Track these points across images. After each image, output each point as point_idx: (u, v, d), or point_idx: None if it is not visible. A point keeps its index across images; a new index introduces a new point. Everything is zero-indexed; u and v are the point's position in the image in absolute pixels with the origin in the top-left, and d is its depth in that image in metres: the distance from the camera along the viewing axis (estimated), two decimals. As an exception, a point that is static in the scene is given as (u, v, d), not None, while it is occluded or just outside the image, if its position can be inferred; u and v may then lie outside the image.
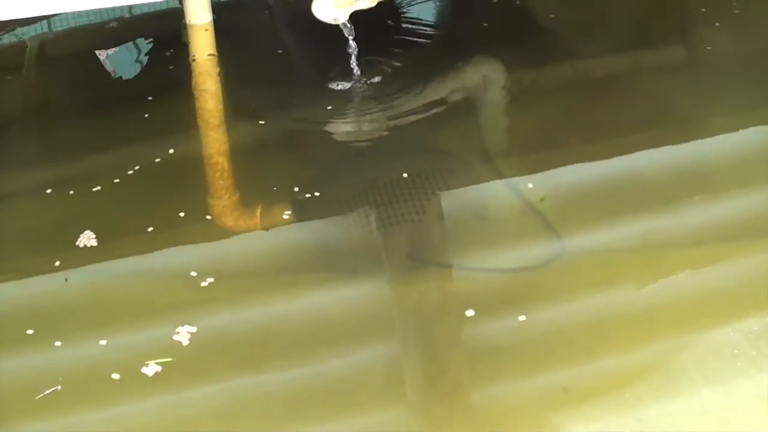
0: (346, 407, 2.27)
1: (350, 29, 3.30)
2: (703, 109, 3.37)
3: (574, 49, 3.80)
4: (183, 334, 2.42)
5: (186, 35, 3.55)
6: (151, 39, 3.97)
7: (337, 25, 3.31)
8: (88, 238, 2.76)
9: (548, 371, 2.33)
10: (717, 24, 3.88)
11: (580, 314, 2.50)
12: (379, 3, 3.06)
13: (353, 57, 3.44)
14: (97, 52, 3.90)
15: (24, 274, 2.73)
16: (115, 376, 2.33)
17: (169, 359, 2.36)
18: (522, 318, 2.47)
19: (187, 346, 2.40)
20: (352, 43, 3.38)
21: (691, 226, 2.80)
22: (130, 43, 3.95)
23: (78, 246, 2.76)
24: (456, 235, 2.81)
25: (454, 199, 2.95)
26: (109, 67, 3.83)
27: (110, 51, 3.91)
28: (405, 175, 2.99)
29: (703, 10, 3.99)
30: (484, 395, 2.31)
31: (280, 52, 3.82)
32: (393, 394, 2.31)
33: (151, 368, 2.34)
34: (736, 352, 2.34)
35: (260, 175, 3.09)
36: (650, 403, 2.22)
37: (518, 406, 2.25)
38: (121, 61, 3.88)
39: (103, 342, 2.44)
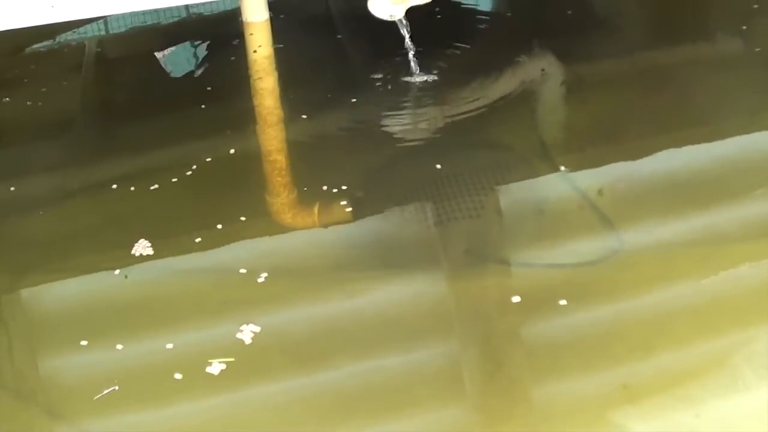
0: (405, 404, 2.27)
1: (406, 25, 3.30)
2: (763, 103, 3.33)
3: (633, 42, 3.78)
4: (246, 333, 2.43)
5: (244, 33, 3.58)
6: (208, 38, 4.01)
7: (394, 22, 3.32)
8: (143, 247, 2.78)
9: (607, 368, 2.32)
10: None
11: (638, 310, 2.48)
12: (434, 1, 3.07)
13: (411, 53, 3.44)
14: (155, 52, 3.95)
15: (86, 271, 2.78)
16: (178, 375, 2.35)
17: (232, 359, 2.37)
18: (580, 314, 2.46)
19: (249, 344, 2.41)
20: (409, 40, 3.38)
21: (751, 220, 2.77)
22: (188, 43, 4.00)
23: (134, 255, 2.78)
24: (514, 230, 2.82)
25: (513, 195, 2.95)
26: (167, 66, 3.88)
27: (167, 51, 3.96)
28: (463, 170, 3.00)
29: (756, 6, 3.93)
30: (543, 392, 2.30)
31: (338, 48, 3.84)
32: (452, 391, 2.31)
33: (215, 367, 2.35)
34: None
35: (318, 172, 3.10)
36: (709, 400, 2.20)
37: (577, 403, 2.23)
38: (178, 60, 3.93)
39: (164, 340, 2.46)
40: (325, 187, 2.97)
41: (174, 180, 3.07)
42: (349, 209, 2.89)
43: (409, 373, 2.35)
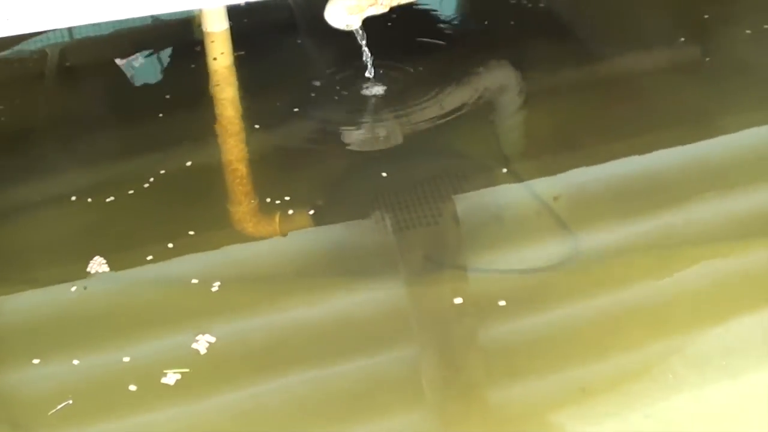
0: (366, 410, 2.29)
1: (363, 35, 3.31)
2: (717, 108, 3.38)
3: (593, 51, 3.82)
4: (201, 343, 2.44)
5: (204, 43, 3.58)
6: (169, 47, 4.01)
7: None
8: (99, 264, 2.77)
9: (564, 370, 2.36)
10: (733, 22, 3.90)
11: (595, 313, 2.53)
12: (391, 9, 3.08)
13: (368, 63, 3.46)
14: (116, 60, 3.94)
15: (42, 284, 2.76)
16: (133, 387, 2.35)
17: (187, 369, 2.38)
18: (538, 318, 2.50)
19: (205, 354, 2.42)
20: (366, 49, 3.40)
21: (704, 223, 2.82)
22: (150, 51, 3.99)
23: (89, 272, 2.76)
24: (473, 236, 2.83)
25: (471, 202, 2.97)
26: (128, 74, 3.87)
27: (129, 59, 3.94)
28: (422, 179, 3.03)
29: (707, 16, 3.99)
30: (502, 395, 2.33)
31: (300, 55, 3.84)
32: (411, 396, 2.33)
33: (170, 378, 2.35)
34: (748, 347, 2.37)
35: (279, 180, 3.12)
36: (660, 401, 2.24)
37: (535, 405, 2.27)
38: (140, 69, 3.92)
39: (120, 353, 2.45)
40: (286, 197, 2.98)
41: (131, 192, 3.07)
42: (310, 217, 2.91)
43: (370, 379, 2.37)
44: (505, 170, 3.07)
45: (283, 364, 2.41)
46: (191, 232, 2.88)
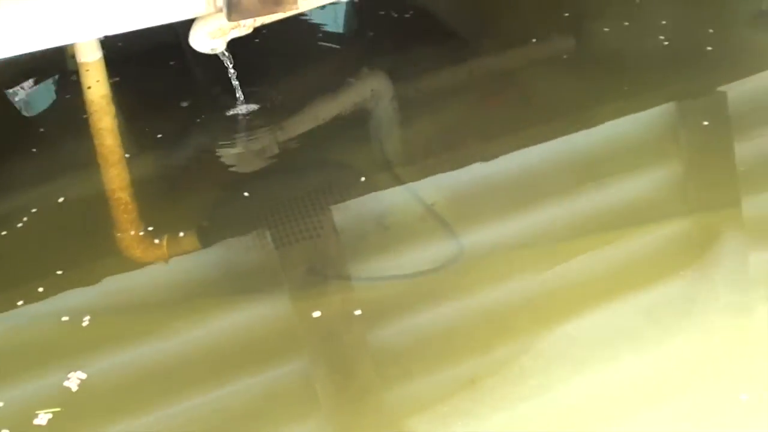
0: (263, 425, 2.31)
1: (229, 57, 3.32)
2: (591, 100, 3.47)
3: (472, 50, 3.87)
4: (73, 380, 2.44)
5: (78, 72, 3.54)
6: (47, 77, 3.95)
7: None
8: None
9: (454, 366, 2.42)
10: (606, 15, 4.01)
11: (480, 309, 2.58)
12: (255, 29, 3.09)
13: (236, 84, 3.48)
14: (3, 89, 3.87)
15: None
16: (5, 431, 2.33)
17: (59, 408, 2.37)
18: (426, 318, 2.55)
19: (77, 391, 2.41)
20: (233, 71, 3.42)
21: (580, 215, 2.90)
22: (30, 81, 3.92)
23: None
24: (358, 246, 2.86)
25: (354, 211, 3.01)
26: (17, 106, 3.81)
27: (14, 89, 3.87)
28: (302, 192, 3.06)
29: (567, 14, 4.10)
30: (395, 396, 2.38)
31: (175, 80, 3.83)
32: (307, 407, 2.36)
33: (42, 418, 2.34)
34: (630, 332, 2.46)
35: (163, 205, 3.12)
36: (551, 388, 2.32)
37: (427, 403, 2.32)
38: (22, 100, 3.86)
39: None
40: (171, 220, 2.98)
41: (4, 233, 3.02)
42: (196, 239, 2.92)
43: (265, 394, 2.39)
44: (387, 176, 3.12)
45: (177, 388, 2.42)
46: (59, 272, 2.84)
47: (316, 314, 2.57)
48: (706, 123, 3.29)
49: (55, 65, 3.97)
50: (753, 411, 2.20)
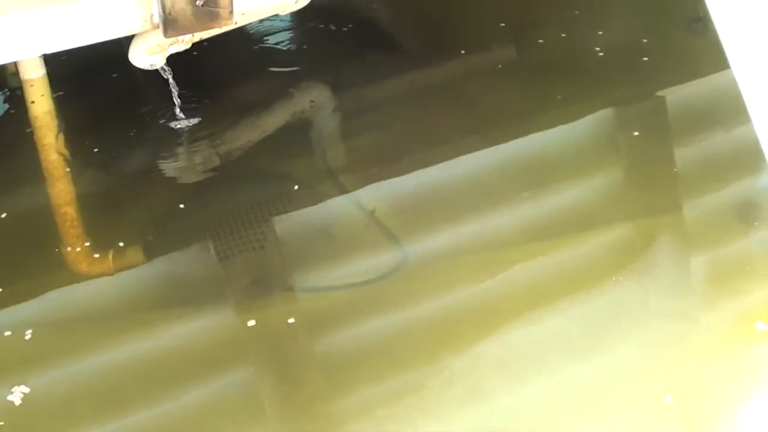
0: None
1: (169, 71, 3.34)
2: (532, 108, 3.52)
3: (414, 60, 3.91)
4: (16, 394, 2.44)
5: (23, 88, 3.54)
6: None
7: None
8: None
9: (399, 374, 2.46)
10: (544, 25, 4.07)
11: (425, 317, 2.63)
12: (193, 45, 3.11)
13: (176, 98, 3.49)
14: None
15: None
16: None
17: (2, 423, 2.37)
18: (371, 327, 2.59)
19: (20, 405, 2.42)
20: (173, 86, 3.43)
21: (524, 222, 2.95)
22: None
23: None
24: (303, 256, 2.89)
25: (298, 221, 3.03)
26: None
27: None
28: (244, 205, 3.08)
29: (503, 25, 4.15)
30: (341, 405, 2.42)
31: (118, 93, 3.82)
32: (254, 418, 2.39)
33: None
34: (576, 335, 2.53)
35: (109, 219, 3.11)
36: (493, 394, 2.37)
37: (373, 410, 2.36)
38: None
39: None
40: (117, 234, 2.99)
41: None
42: (142, 253, 2.93)
43: (212, 406, 2.41)
44: (330, 186, 3.15)
45: (112, 404, 2.43)
46: (0, 289, 2.82)
47: (257, 325, 2.59)
48: (642, 130, 3.35)
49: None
50: (677, 413, 2.28)
